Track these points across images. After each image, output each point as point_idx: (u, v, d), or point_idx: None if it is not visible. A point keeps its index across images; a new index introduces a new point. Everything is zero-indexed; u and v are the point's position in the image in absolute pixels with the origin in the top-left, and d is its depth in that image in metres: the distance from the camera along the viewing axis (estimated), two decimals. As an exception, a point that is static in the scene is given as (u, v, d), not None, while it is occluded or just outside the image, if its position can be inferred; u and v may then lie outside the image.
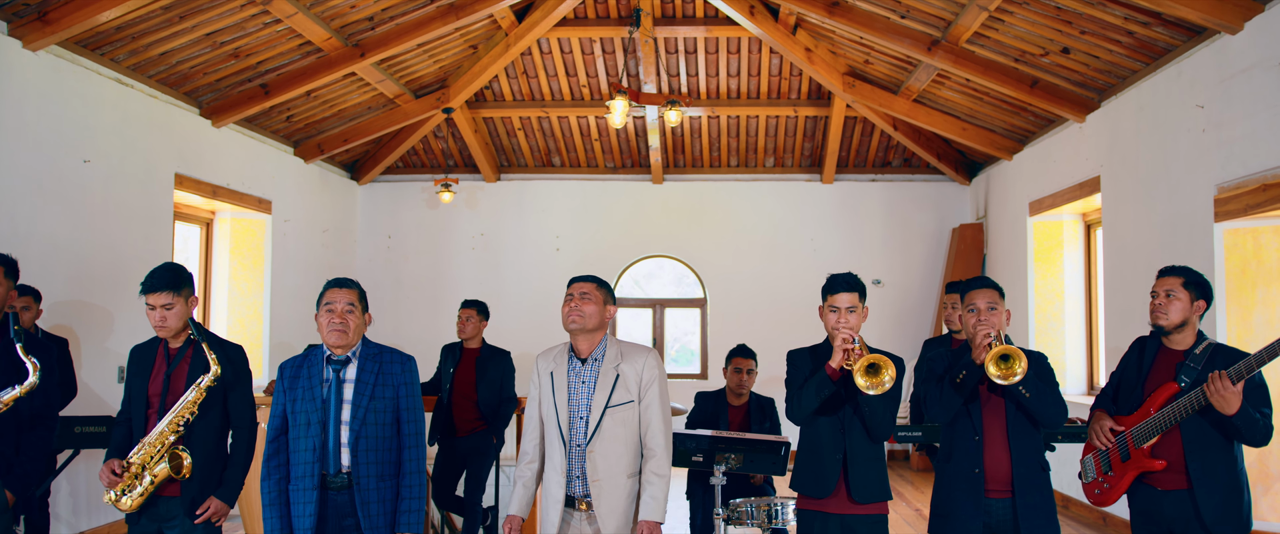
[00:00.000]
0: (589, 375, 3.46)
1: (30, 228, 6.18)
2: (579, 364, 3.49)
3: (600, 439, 3.38)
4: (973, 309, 3.66)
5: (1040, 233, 8.95)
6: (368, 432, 3.48)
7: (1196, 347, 3.62)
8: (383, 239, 11.59)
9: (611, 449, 3.39)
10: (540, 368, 3.57)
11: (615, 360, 3.47)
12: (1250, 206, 5.50)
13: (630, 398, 3.43)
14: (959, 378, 3.60)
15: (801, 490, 3.76)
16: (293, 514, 3.48)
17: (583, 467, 3.40)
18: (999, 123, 9.13)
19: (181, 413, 3.72)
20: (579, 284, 3.55)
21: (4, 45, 6.00)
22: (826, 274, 11.66)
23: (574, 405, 3.43)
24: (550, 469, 3.45)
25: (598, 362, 3.48)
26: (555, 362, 3.53)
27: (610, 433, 3.39)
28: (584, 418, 3.41)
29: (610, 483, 3.37)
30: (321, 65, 8.24)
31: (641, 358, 3.49)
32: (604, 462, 3.38)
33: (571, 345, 3.54)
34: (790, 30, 8.86)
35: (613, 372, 3.44)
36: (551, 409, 3.46)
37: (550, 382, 3.49)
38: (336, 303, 3.52)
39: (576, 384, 3.46)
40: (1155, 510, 3.63)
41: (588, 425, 3.40)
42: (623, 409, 3.41)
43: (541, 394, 3.54)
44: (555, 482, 3.41)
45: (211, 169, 8.29)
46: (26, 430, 3.81)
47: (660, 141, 10.75)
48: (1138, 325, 6.76)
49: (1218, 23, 5.66)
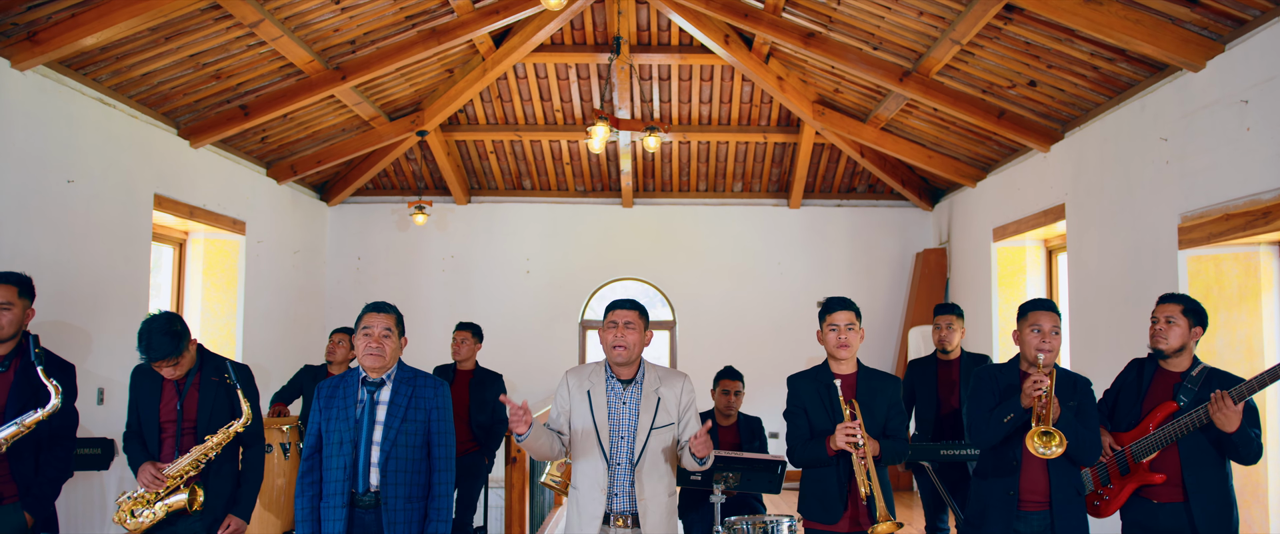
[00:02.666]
0: (630, 398, 3.57)
1: (16, 247, 6.12)
2: (620, 386, 3.59)
3: (646, 459, 3.50)
4: (1037, 329, 3.79)
5: (1003, 258, 9.26)
6: (398, 453, 3.55)
7: (1193, 369, 3.85)
8: (352, 260, 11.56)
9: (656, 468, 3.52)
10: (571, 384, 3.67)
11: (655, 384, 3.59)
12: (1213, 235, 5.80)
13: (671, 420, 3.56)
14: (1007, 419, 3.74)
15: (808, 516, 3.91)
16: (323, 530, 3.54)
17: (628, 485, 3.50)
18: (964, 151, 9.44)
19: (207, 452, 3.78)
20: (622, 312, 3.64)
21: (-7, 65, 5.96)
22: (793, 297, 11.93)
23: (615, 425, 3.54)
24: (587, 486, 3.54)
25: (638, 385, 3.59)
26: (591, 380, 3.63)
27: (654, 454, 3.52)
28: (627, 438, 3.52)
29: (655, 501, 3.50)
30: (302, 87, 8.26)
31: (678, 382, 3.62)
32: (650, 481, 3.50)
33: (609, 367, 3.65)
34: (763, 59, 9.10)
35: (654, 395, 3.56)
36: (588, 426, 3.56)
37: (586, 400, 3.59)
38: (374, 327, 3.60)
39: (617, 405, 3.57)
40: (1150, 522, 3.85)
41: (632, 446, 3.51)
42: (665, 431, 3.54)
43: (574, 410, 3.63)
44: (593, 498, 3.51)
45: (189, 190, 8.25)
46: (45, 451, 3.81)
47: (631, 165, 10.90)
48: (1102, 347, 7.06)
49: (1181, 61, 5.97)
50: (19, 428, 3.61)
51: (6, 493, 3.66)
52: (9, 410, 3.66)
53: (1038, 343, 3.76)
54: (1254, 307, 5.90)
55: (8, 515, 3.66)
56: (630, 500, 3.51)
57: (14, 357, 3.76)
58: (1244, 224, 5.49)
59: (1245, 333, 5.89)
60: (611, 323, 3.62)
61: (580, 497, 3.57)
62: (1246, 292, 5.93)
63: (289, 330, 10.22)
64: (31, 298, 3.86)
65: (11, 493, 3.68)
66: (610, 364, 3.64)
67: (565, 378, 3.72)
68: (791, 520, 4.93)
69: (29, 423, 3.64)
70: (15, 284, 3.77)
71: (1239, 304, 5.93)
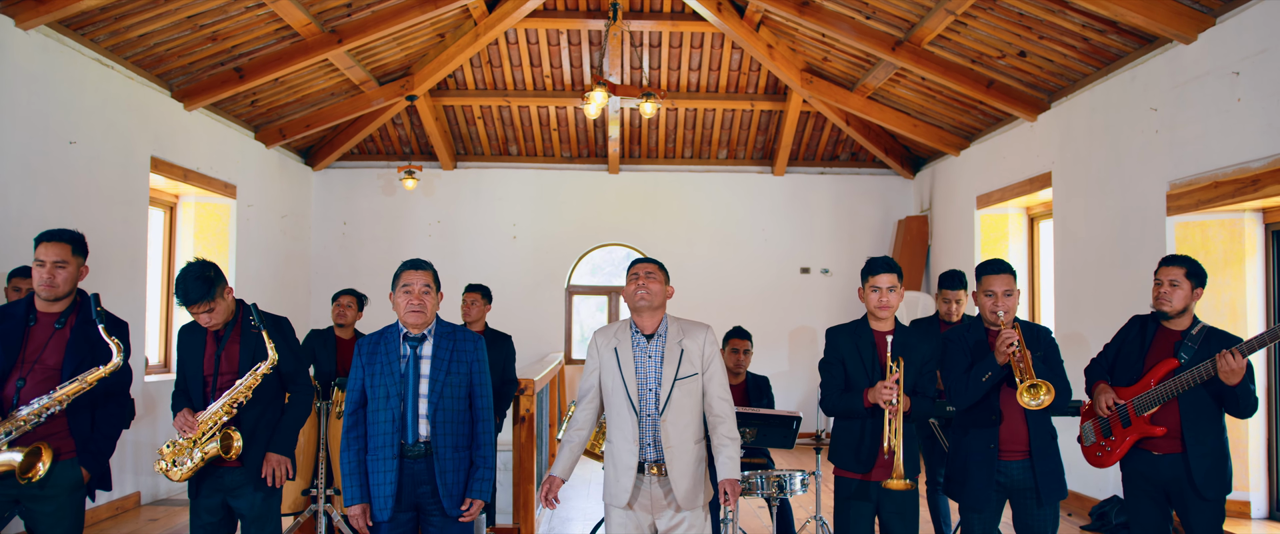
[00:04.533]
0: (655, 350, 3.70)
1: (22, 209, 6.10)
2: (644, 340, 3.72)
3: (671, 410, 3.64)
4: (990, 293, 4.02)
5: (986, 225, 9.48)
6: (445, 405, 3.66)
7: (1192, 328, 4.06)
8: (338, 225, 11.55)
9: (681, 418, 3.66)
10: (599, 344, 3.80)
11: (678, 336, 3.73)
12: (1202, 202, 6.02)
13: (695, 370, 3.70)
14: (984, 378, 3.94)
15: (840, 465, 4.07)
16: (371, 483, 3.64)
17: (655, 435, 3.65)
18: (948, 120, 9.63)
19: (236, 397, 3.84)
20: (643, 265, 3.79)
21: (-2, 23, 5.91)
22: (777, 263, 12.11)
23: (642, 378, 3.68)
24: (620, 439, 3.68)
25: (662, 338, 3.73)
26: (617, 338, 3.76)
27: (679, 404, 3.66)
28: (654, 390, 3.66)
29: (681, 449, 3.64)
30: (297, 50, 8.23)
31: (701, 333, 3.76)
32: (675, 430, 3.64)
33: (634, 323, 3.77)
34: (754, 27, 9.19)
35: (677, 347, 3.70)
36: (618, 382, 3.69)
37: (614, 357, 3.72)
38: (414, 284, 3.70)
39: (642, 359, 3.70)
40: (1150, 472, 4.07)
41: (659, 397, 3.65)
42: (689, 381, 3.68)
43: (603, 368, 3.76)
44: (627, 450, 3.65)
45: (183, 153, 8.22)
46: (100, 407, 3.86)
47: (619, 132, 10.98)
48: (1087, 310, 7.31)
49: (1173, 33, 6.16)
50: (80, 384, 3.66)
51: (65, 448, 3.71)
52: (66, 367, 3.71)
53: (991, 306, 4.04)
54: (1238, 271, 6.15)
55: (66, 470, 3.71)
56: (659, 449, 3.65)
57: (69, 313, 3.81)
58: (1233, 191, 5.71)
59: (1230, 296, 6.14)
60: (633, 276, 3.77)
61: (615, 449, 3.72)
62: (1231, 257, 6.18)
63: (279, 294, 10.22)
64: (84, 255, 3.89)
65: (69, 448, 3.73)
66: (634, 316, 3.78)
67: (593, 338, 3.85)
68: (804, 474, 5.12)
69: (91, 379, 3.69)
70: (69, 242, 3.79)
71: (1224, 269, 6.17)
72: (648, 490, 3.68)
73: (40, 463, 3.58)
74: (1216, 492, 4.00)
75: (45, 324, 3.79)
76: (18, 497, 3.68)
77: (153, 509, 7.43)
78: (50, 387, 3.68)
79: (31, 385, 3.67)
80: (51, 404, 3.63)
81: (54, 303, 3.81)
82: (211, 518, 3.87)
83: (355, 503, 3.66)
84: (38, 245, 3.77)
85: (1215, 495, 3.97)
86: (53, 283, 3.76)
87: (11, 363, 3.68)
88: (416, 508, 3.71)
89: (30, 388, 3.67)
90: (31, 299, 3.83)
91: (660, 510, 3.69)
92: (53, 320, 3.79)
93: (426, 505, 3.69)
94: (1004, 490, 4.04)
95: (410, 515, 3.70)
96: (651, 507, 3.69)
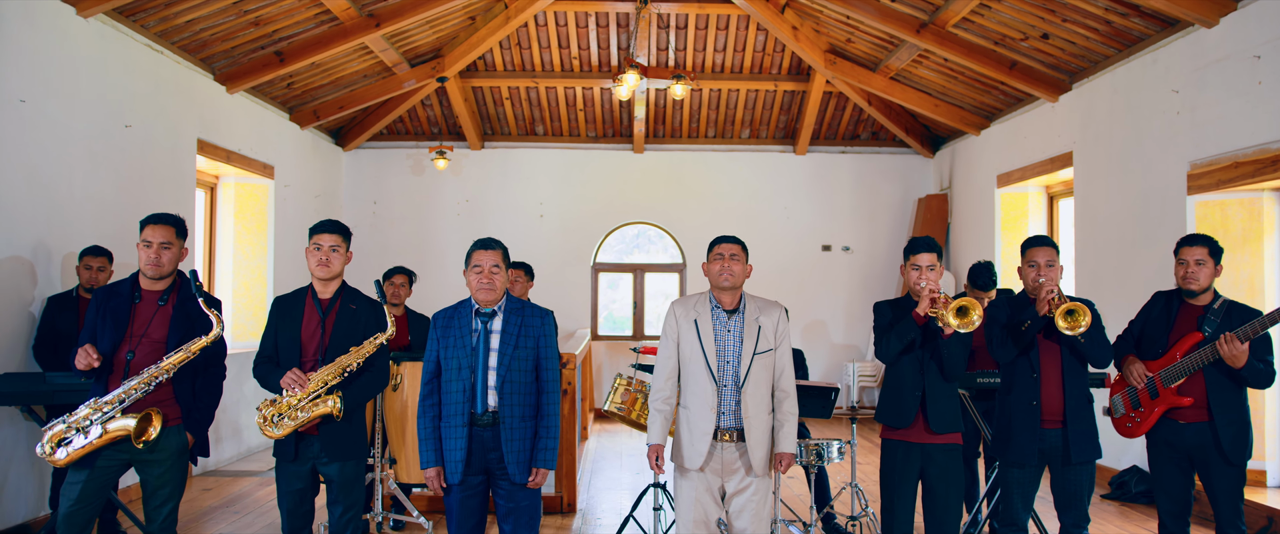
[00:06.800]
0: (735, 326, 3.95)
1: (87, 191, 6.36)
2: (725, 315, 3.97)
3: (750, 382, 3.90)
4: (1033, 265, 4.26)
5: (1006, 203, 9.68)
6: (512, 377, 3.90)
7: (1214, 302, 4.30)
8: (369, 205, 11.80)
9: (758, 391, 3.92)
10: (678, 314, 4.04)
11: (755, 314, 3.98)
12: (1222, 182, 6.22)
13: (770, 346, 3.95)
14: (1023, 326, 4.18)
15: (885, 421, 4.32)
16: (444, 448, 3.89)
17: (734, 405, 3.90)
18: (969, 100, 9.80)
19: (351, 363, 4.06)
20: (727, 245, 4.02)
21: (60, 12, 6.12)
22: (799, 240, 12.37)
23: (722, 351, 3.93)
24: (698, 405, 3.93)
25: (741, 314, 3.97)
26: (697, 310, 4.01)
27: (757, 377, 3.92)
28: (732, 363, 3.91)
29: (757, 419, 3.91)
30: (336, 34, 8.45)
31: (776, 312, 4.01)
32: (752, 401, 3.90)
33: (712, 297, 4.01)
34: (779, 9, 9.36)
35: (755, 323, 3.95)
36: (697, 352, 3.94)
37: (694, 328, 3.97)
38: (484, 263, 3.93)
39: (722, 333, 3.95)
40: (1177, 440, 4.30)
41: (737, 370, 3.90)
42: (765, 356, 3.94)
43: (682, 338, 4.01)
44: (704, 416, 3.91)
45: (226, 134, 8.46)
46: (200, 376, 4.13)
47: (644, 112, 11.18)
48: (1108, 285, 7.52)
49: (1195, 16, 6.34)
50: (185, 353, 3.93)
51: (171, 415, 3.98)
52: (170, 339, 3.98)
53: (1034, 276, 4.28)
54: (1257, 248, 6.35)
55: (172, 436, 4.00)
56: (736, 418, 3.92)
57: (170, 291, 4.07)
58: (1253, 171, 5.90)
59: (1248, 273, 6.34)
60: (717, 256, 4.00)
61: (691, 415, 3.96)
62: (1250, 234, 6.38)
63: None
64: (185, 237, 4.16)
65: (176, 415, 4.01)
66: (715, 294, 4.01)
67: (672, 308, 4.10)
68: (841, 442, 5.36)
69: (194, 349, 3.97)
70: (174, 225, 4.08)
71: (1243, 246, 6.37)
72: (719, 455, 3.95)
73: (151, 427, 3.85)
74: (1241, 456, 4.24)
75: (149, 301, 4.04)
76: (129, 460, 3.95)
77: (203, 480, 7.73)
78: (157, 358, 3.94)
79: (140, 357, 3.94)
80: (159, 372, 3.89)
81: (158, 281, 4.07)
82: (301, 483, 4.11)
83: (430, 466, 3.91)
84: (144, 227, 4.03)
85: (1240, 460, 4.21)
86: (159, 262, 4.02)
87: (121, 336, 3.95)
88: (486, 472, 3.94)
89: (139, 359, 3.93)
90: (136, 277, 4.09)
91: (729, 474, 3.95)
92: (156, 297, 4.05)
93: (495, 471, 3.93)
94: (1043, 456, 4.27)
95: (480, 479, 3.94)
96: (722, 470, 3.95)
